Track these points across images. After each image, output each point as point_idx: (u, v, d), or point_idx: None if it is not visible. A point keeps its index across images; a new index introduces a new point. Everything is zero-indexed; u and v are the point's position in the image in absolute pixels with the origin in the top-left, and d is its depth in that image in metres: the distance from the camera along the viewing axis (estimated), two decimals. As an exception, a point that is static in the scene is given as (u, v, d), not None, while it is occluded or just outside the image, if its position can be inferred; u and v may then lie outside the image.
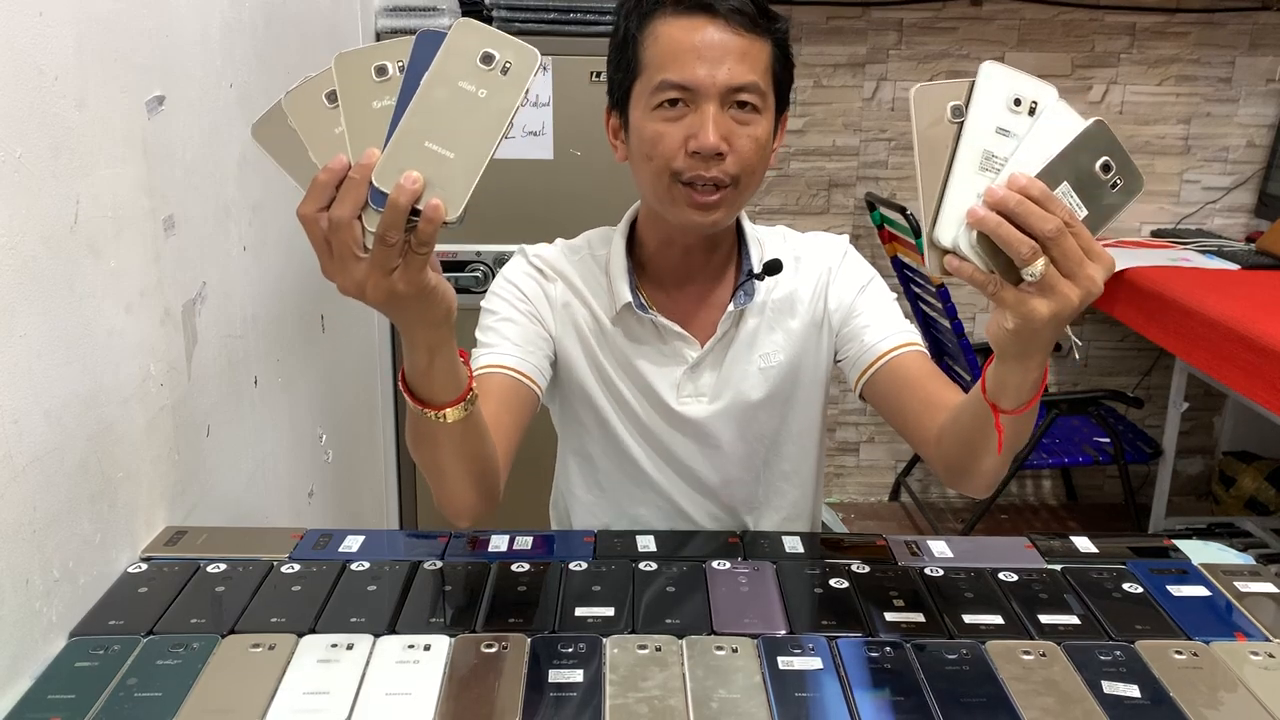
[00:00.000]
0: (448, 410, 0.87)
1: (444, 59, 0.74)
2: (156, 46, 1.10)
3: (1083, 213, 0.77)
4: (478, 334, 1.16)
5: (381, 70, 0.75)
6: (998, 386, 0.88)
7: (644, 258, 1.18)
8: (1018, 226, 0.74)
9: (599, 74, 2.09)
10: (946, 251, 0.78)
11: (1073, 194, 0.77)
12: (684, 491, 1.22)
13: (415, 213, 0.73)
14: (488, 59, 0.75)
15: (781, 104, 1.10)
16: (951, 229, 0.77)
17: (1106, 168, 0.77)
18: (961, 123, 0.78)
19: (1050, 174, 0.76)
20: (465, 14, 2.23)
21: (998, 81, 0.78)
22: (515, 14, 2.14)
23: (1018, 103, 0.78)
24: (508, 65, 0.75)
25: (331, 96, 0.75)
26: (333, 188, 0.74)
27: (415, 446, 0.94)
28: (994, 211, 0.75)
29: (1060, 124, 0.77)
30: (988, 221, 0.75)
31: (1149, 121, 3.01)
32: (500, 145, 0.74)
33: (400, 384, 0.88)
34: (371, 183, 0.73)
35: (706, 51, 1.02)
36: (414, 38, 0.75)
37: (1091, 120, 0.77)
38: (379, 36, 2.13)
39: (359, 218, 0.74)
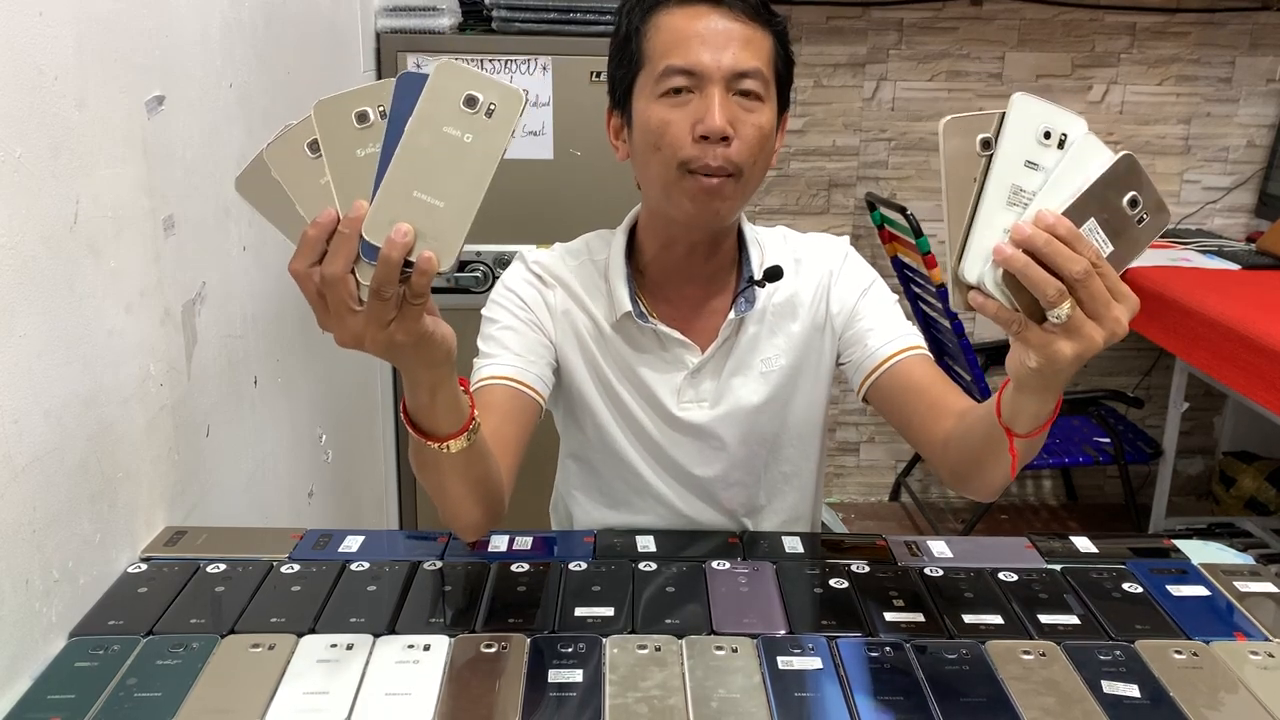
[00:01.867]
0: (450, 442, 0.88)
1: (427, 103, 0.73)
2: (156, 46, 1.10)
3: (1108, 249, 0.76)
4: (479, 343, 1.16)
5: (363, 117, 0.73)
6: (1013, 413, 0.87)
7: (643, 263, 1.18)
8: (1044, 266, 0.73)
9: (599, 74, 2.09)
10: (971, 287, 0.77)
11: (1099, 230, 0.76)
12: (683, 496, 1.22)
13: (408, 264, 0.72)
14: (471, 101, 0.73)
15: (783, 102, 1.10)
16: (977, 265, 0.76)
17: (1134, 203, 0.76)
18: (991, 156, 0.77)
19: (1078, 210, 0.75)
20: (465, 15, 2.23)
21: (1028, 113, 0.77)
22: (515, 14, 2.14)
23: (1047, 135, 0.77)
24: (492, 107, 0.73)
25: (314, 146, 0.73)
26: (323, 242, 0.73)
27: (419, 472, 0.94)
28: (1021, 250, 0.74)
29: (1089, 158, 0.76)
30: (1015, 261, 0.74)
31: (1149, 121, 3.01)
32: (488, 191, 0.73)
33: (402, 416, 0.88)
34: (362, 235, 0.72)
35: (711, 38, 1.02)
36: (394, 81, 0.73)
37: (1120, 154, 0.76)
38: (379, 37, 2.13)
39: (352, 271, 0.73)
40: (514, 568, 1.03)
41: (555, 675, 0.85)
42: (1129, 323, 0.76)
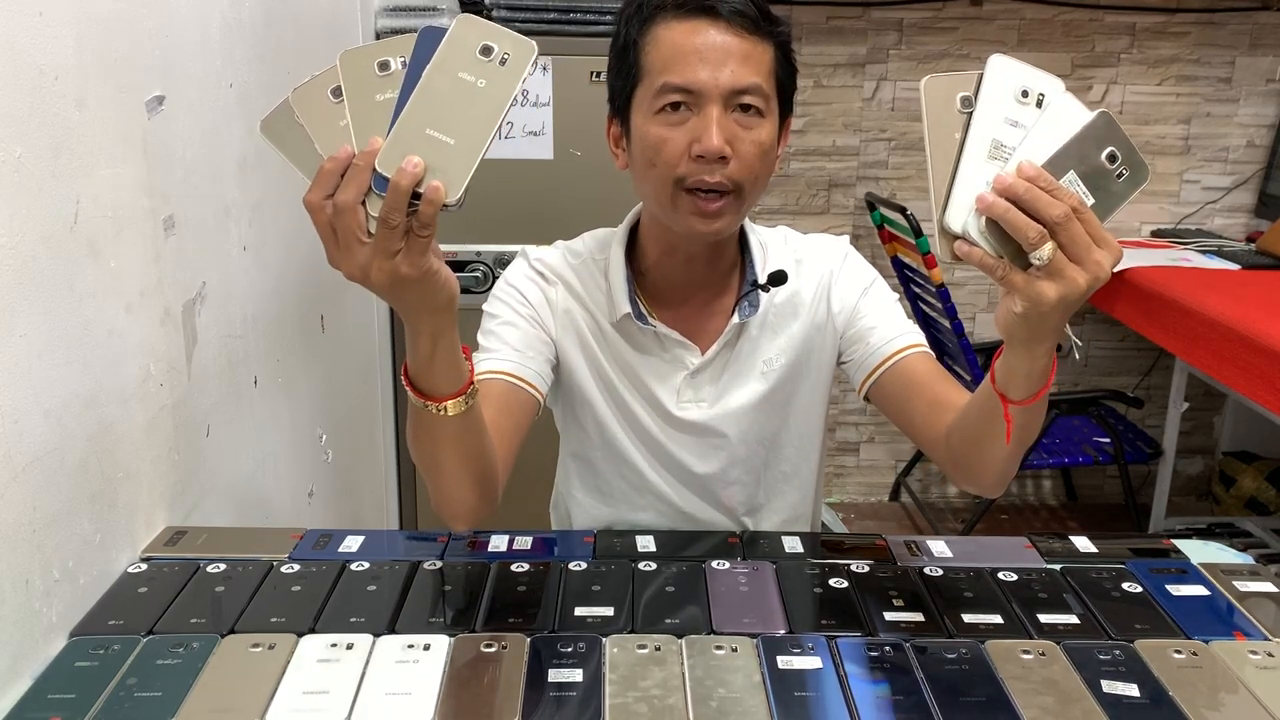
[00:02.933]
0: (448, 403, 0.88)
1: (445, 51, 0.77)
2: (156, 46, 1.10)
3: (1089, 201, 0.78)
4: (479, 337, 1.16)
5: (384, 65, 0.78)
6: (1006, 375, 0.89)
7: (645, 266, 1.18)
8: (1026, 212, 0.76)
9: (599, 74, 2.09)
10: (957, 237, 0.79)
11: (1079, 183, 0.79)
12: (684, 495, 1.22)
13: (417, 196, 0.75)
14: (487, 51, 0.77)
15: (785, 108, 1.09)
16: (961, 214, 0.79)
17: (1112, 158, 0.79)
18: (971, 113, 0.80)
19: (1057, 163, 0.78)
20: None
21: (1005, 74, 0.80)
22: (515, 14, 2.14)
23: (1025, 94, 0.80)
24: (506, 56, 0.77)
25: (336, 92, 0.77)
26: (338, 175, 0.76)
27: (415, 443, 0.94)
28: (1003, 198, 0.76)
29: (1067, 115, 0.80)
30: (996, 207, 0.76)
31: (1149, 121, 3.01)
32: (497, 134, 0.77)
33: (403, 377, 0.89)
34: (375, 169, 0.75)
35: (709, 53, 1.01)
36: (417, 34, 0.77)
37: (1097, 112, 0.79)
38: (379, 36, 2.13)
39: (363, 203, 0.76)
40: (514, 568, 1.03)
41: (555, 675, 0.85)
42: (1112, 268, 0.78)
